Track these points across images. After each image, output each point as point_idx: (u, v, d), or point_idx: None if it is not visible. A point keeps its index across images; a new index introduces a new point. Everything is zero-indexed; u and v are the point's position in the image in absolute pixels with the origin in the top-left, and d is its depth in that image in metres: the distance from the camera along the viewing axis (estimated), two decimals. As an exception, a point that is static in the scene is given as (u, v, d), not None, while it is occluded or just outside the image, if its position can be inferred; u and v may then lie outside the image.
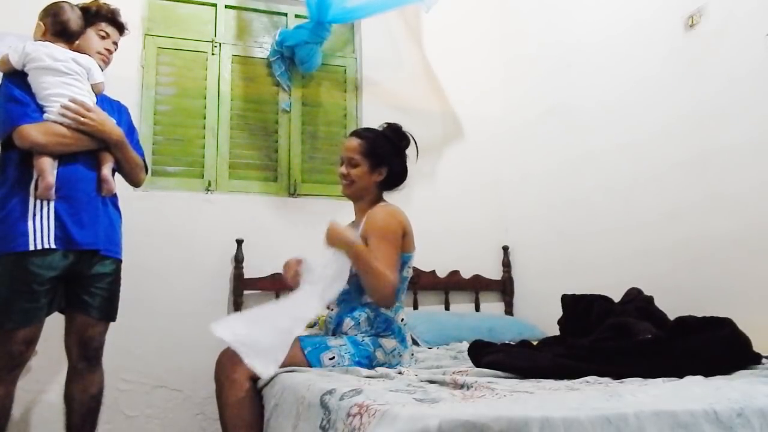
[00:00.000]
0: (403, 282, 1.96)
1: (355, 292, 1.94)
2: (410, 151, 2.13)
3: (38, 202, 1.88)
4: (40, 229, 1.86)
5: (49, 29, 2.02)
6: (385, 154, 2.01)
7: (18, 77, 1.94)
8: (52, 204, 1.89)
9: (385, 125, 2.09)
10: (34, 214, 1.87)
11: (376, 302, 1.88)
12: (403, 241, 1.91)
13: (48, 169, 1.87)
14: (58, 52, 1.98)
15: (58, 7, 2.05)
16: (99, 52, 2.12)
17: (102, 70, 2.13)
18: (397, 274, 1.87)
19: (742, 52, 2.12)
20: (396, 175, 2.05)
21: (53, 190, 1.87)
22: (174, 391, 2.69)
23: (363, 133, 2.07)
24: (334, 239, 1.88)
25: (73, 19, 2.04)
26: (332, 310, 2.02)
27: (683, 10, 2.34)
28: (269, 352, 1.72)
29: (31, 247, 1.84)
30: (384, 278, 1.81)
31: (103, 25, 2.13)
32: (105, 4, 2.17)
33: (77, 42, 2.08)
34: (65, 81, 1.95)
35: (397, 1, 3.06)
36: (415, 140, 2.12)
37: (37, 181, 1.88)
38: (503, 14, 3.56)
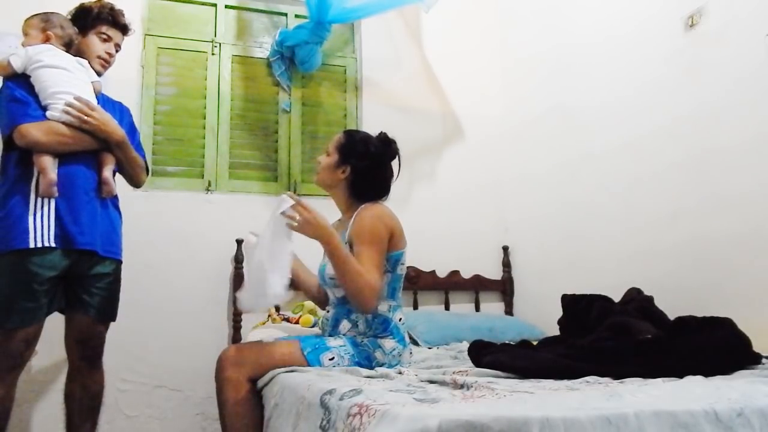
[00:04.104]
0: (398, 280, 1.95)
1: None
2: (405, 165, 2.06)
3: (39, 200, 1.88)
4: (41, 227, 1.86)
5: (58, 38, 2.02)
6: (354, 154, 1.98)
7: (19, 78, 1.94)
8: (52, 202, 1.89)
9: (380, 133, 2.05)
10: (35, 212, 1.87)
11: (357, 306, 1.83)
12: (392, 240, 1.88)
13: (49, 166, 1.87)
14: (62, 54, 2.00)
15: (64, 19, 2.06)
16: (99, 56, 2.10)
17: (101, 75, 2.12)
18: (380, 274, 1.83)
19: (742, 52, 2.12)
20: (361, 179, 1.98)
21: (55, 186, 1.87)
22: (174, 391, 2.69)
23: (350, 131, 2.10)
24: (311, 228, 1.77)
25: (74, 31, 2.07)
26: (328, 311, 2.02)
27: (683, 10, 2.34)
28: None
29: (32, 245, 1.84)
30: (362, 278, 1.75)
31: (104, 28, 2.11)
32: (106, 4, 2.15)
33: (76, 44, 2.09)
34: (71, 80, 1.96)
35: (397, 1, 3.06)
36: (399, 158, 2.04)
37: (38, 179, 1.88)
38: (503, 15, 3.56)
